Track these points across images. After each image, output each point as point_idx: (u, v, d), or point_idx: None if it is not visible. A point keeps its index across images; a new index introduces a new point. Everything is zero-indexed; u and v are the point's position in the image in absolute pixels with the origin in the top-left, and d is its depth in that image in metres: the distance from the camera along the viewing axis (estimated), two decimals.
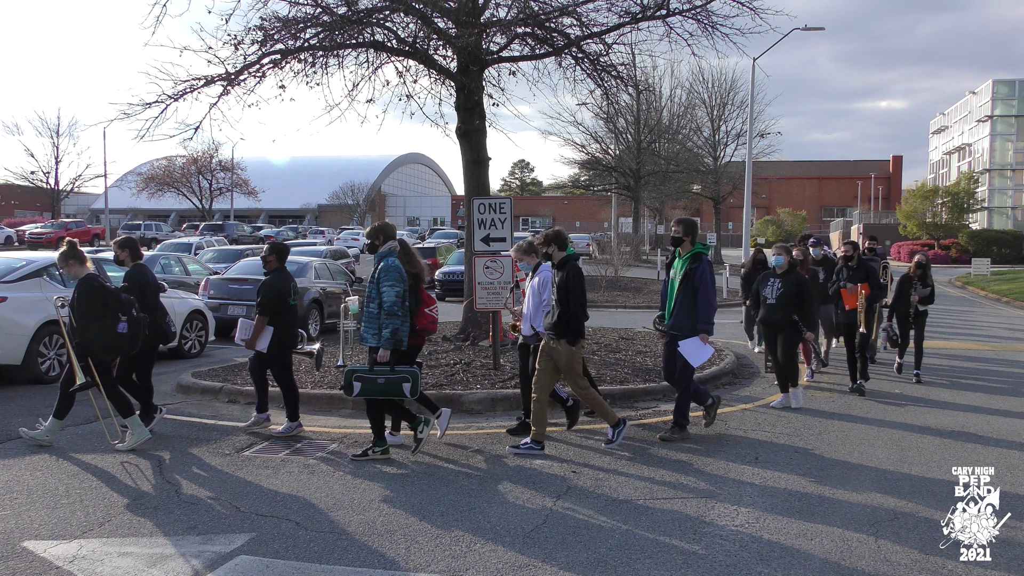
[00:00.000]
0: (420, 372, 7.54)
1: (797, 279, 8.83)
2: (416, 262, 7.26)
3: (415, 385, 6.59)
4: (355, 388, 6.60)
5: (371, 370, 6.62)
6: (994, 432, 7.88)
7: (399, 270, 6.71)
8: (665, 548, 4.81)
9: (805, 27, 25.84)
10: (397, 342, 6.63)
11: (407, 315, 6.76)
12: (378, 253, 6.86)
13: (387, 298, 6.58)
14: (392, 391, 6.60)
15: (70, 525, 5.10)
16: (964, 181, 57.54)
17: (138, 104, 10.97)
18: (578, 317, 6.83)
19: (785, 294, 8.74)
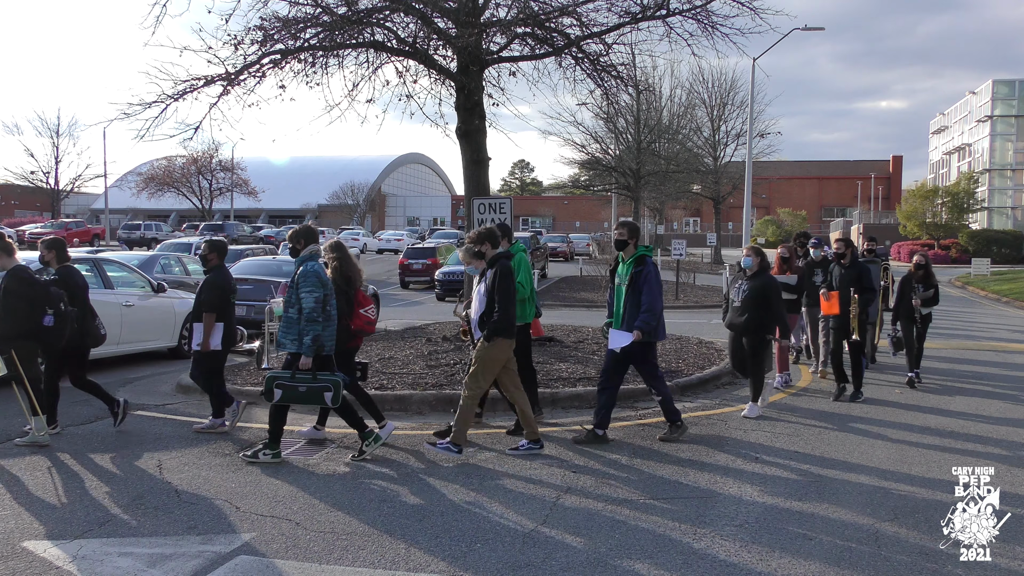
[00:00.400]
0: (367, 373, 7.51)
1: (764, 281, 8.39)
2: (351, 265, 7.26)
3: (337, 394, 6.47)
4: (276, 395, 6.51)
5: (293, 377, 6.51)
6: (994, 432, 7.88)
7: (318, 275, 6.62)
8: (665, 548, 4.82)
9: (805, 27, 25.82)
10: (319, 348, 6.57)
11: (331, 320, 6.70)
12: (299, 257, 6.78)
13: (306, 304, 6.50)
14: (313, 399, 6.51)
15: (70, 525, 5.11)
16: (964, 181, 57.50)
17: (138, 104, 10.97)
18: (502, 316, 6.68)
19: (750, 296, 8.32)
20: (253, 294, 14.85)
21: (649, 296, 7.13)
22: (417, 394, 8.70)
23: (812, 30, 26.41)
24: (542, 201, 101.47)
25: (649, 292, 7.14)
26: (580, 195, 75.09)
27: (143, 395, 9.26)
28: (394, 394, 8.72)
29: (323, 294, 6.61)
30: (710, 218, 66.15)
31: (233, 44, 10.92)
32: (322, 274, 6.71)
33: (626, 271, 7.35)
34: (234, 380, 9.70)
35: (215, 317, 7.52)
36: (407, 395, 8.70)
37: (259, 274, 15.87)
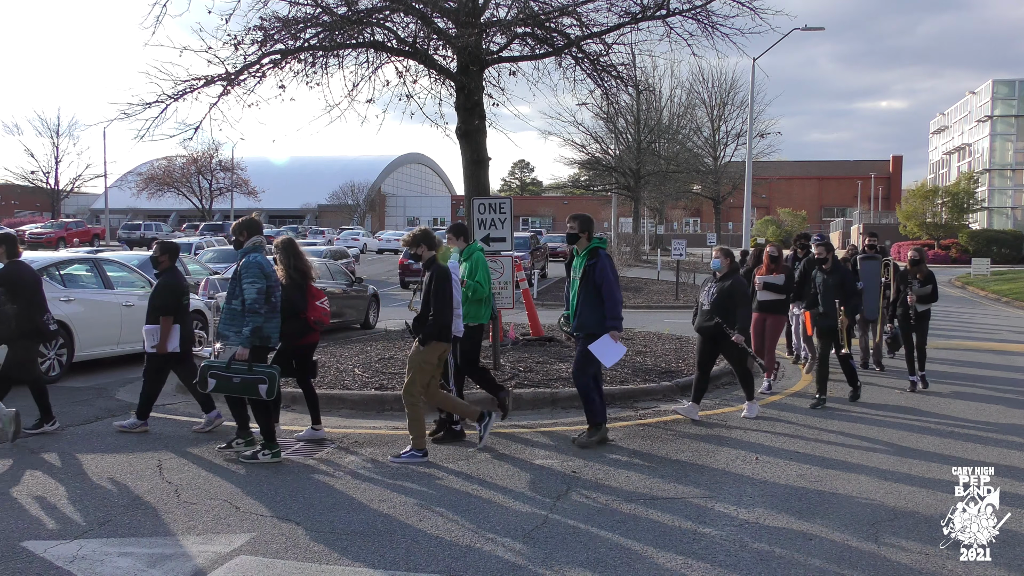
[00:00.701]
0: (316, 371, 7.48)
1: (732, 283, 8.14)
2: (302, 260, 7.26)
3: (272, 387, 6.42)
4: (209, 384, 6.51)
5: (227, 367, 6.48)
6: (994, 432, 7.88)
7: (260, 266, 6.59)
8: (665, 548, 4.82)
9: (805, 27, 25.82)
10: (263, 339, 6.55)
11: (275, 312, 6.68)
12: (242, 249, 6.77)
13: (248, 295, 6.48)
14: (247, 391, 6.47)
15: (70, 525, 5.11)
16: (964, 181, 57.48)
17: (138, 104, 10.96)
18: (436, 320, 6.63)
19: (719, 299, 8.10)
20: None
21: (608, 289, 6.99)
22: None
23: (812, 30, 26.41)
24: (542, 201, 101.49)
25: (608, 285, 6.99)
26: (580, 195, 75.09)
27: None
28: (394, 394, 8.71)
29: (266, 285, 6.57)
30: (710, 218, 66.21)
31: (233, 44, 10.92)
32: (265, 266, 6.65)
33: (580, 264, 7.20)
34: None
35: (172, 320, 7.51)
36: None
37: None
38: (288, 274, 7.10)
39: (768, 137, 47.61)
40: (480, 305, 7.85)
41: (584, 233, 7.28)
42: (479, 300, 7.82)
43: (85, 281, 11.13)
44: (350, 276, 17.74)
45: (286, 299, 6.95)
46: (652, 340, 12.73)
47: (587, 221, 7.38)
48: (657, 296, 24.74)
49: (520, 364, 10.27)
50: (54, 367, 9.93)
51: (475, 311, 7.84)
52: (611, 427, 7.85)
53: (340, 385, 9.12)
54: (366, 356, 10.92)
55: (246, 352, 6.48)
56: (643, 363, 10.70)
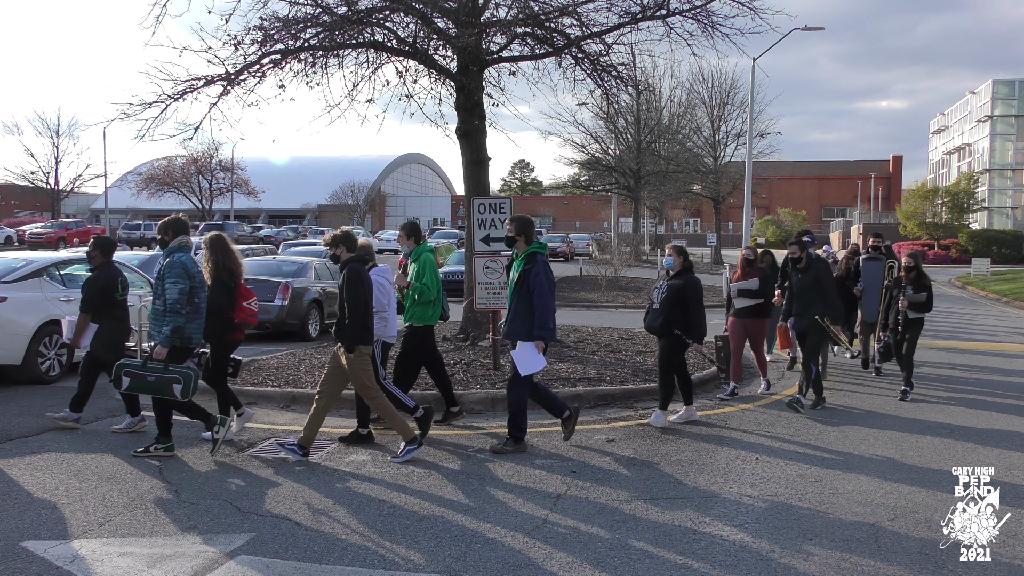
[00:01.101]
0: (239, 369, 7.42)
1: (684, 282, 7.87)
2: (232, 258, 7.19)
3: (187, 387, 6.36)
4: (123, 382, 6.48)
5: (143, 366, 6.44)
6: (994, 432, 7.88)
7: (184, 266, 6.53)
8: (665, 548, 4.81)
9: (805, 27, 25.82)
10: (184, 340, 6.50)
11: (199, 313, 6.63)
12: (167, 249, 6.71)
13: (170, 295, 6.43)
14: (161, 390, 6.41)
15: (70, 525, 5.11)
16: (964, 181, 57.51)
17: (138, 104, 10.96)
18: (353, 324, 6.51)
19: (668, 297, 7.85)
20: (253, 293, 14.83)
21: (541, 299, 6.73)
22: (417, 394, 8.68)
23: (812, 30, 26.40)
24: (542, 201, 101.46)
25: (540, 294, 6.72)
26: (580, 195, 75.14)
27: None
28: None
29: (189, 286, 6.51)
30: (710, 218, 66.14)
31: (233, 44, 10.92)
32: (189, 266, 6.58)
33: (517, 268, 6.95)
34: (233, 381, 9.69)
35: (90, 317, 7.46)
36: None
37: (259, 274, 15.81)
38: (215, 273, 7.02)
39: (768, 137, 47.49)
40: (428, 307, 7.73)
41: (522, 236, 7.03)
42: (427, 302, 7.70)
43: None
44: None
45: (211, 297, 6.90)
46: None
47: (525, 223, 7.14)
48: None
49: None
50: (54, 367, 9.93)
51: (422, 312, 7.74)
52: (611, 427, 7.86)
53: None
54: None
55: (164, 352, 6.41)
56: (643, 363, 10.70)
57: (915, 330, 9.54)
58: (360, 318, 6.54)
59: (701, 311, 7.98)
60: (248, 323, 7.35)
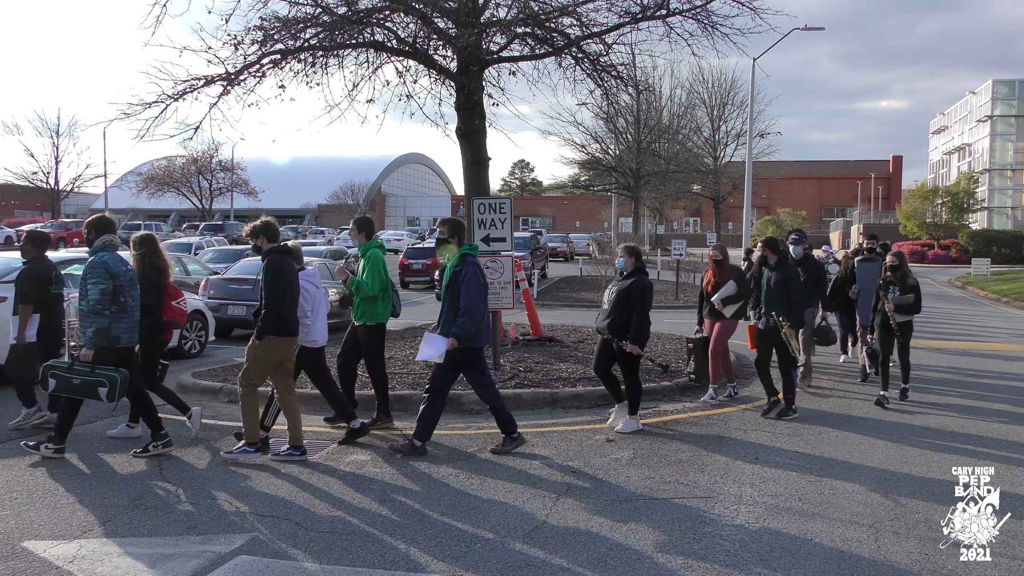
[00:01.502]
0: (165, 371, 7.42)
1: (633, 283, 7.58)
2: (160, 257, 7.17)
3: (113, 391, 6.29)
4: (50, 384, 6.43)
5: (70, 368, 6.38)
6: (994, 432, 7.88)
7: (106, 266, 6.44)
8: (665, 548, 4.81)
9: (805, 27, 25.81)
10: (111, 340, 6.43)
11: (126, 313, 6.55)
12: (92, 248, 6.64)
13: (91, 296, 6.35)
14: (86, 393, 6.35)
15: (70, 525, 5.11)
16: (964, 181, 57.50)
17: (138, 104, 10.96)
18: (269, 313, 6.48)
19: (617, 299, 7.61)
20: (252, 294, 14.84)
21: (467, 299, 6.67)
22: (417, 394, 8.69)
23: (812, 30, 26.40)
24: (542, 201, 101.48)
25: (467, 294, 6.67)
26: (580, 195, 75.08)
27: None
28: (394, 394, 8.71)
29: (112, 285, 6.43)
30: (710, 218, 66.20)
31: (233, 44, 10.92)
32: (111, 265, 6.48)
33: (449, 271, 6.94)
34: (234, 380, 9.70)
35: (32, 308, 7.45)
36: (407, 395, 8.70)
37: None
38: (142, 271, 7.00)
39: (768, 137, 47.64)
40: (375, 303, 7.66)
41: (454, 238, 7.00)
42: (372, 298, 7.63)
43: None
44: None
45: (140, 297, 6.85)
46: (652, 340, 12.72)
47: (456, 226, 7.09)
48: (657, 296, 24.66)
49: (520, 364, 10.27)
50: None
51: (370, 309, 7.66)
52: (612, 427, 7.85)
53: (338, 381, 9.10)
54: None
55: (90, 354, 6.34)
56: (643, 363, 10.68)
57: (907, 332, 9.23)
58: (275, 307, 6.51)
59: (647, 315, 7.65)
60: (177, 322, 7.29)
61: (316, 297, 7.40)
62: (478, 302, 6.75)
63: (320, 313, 7.43)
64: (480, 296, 6.79)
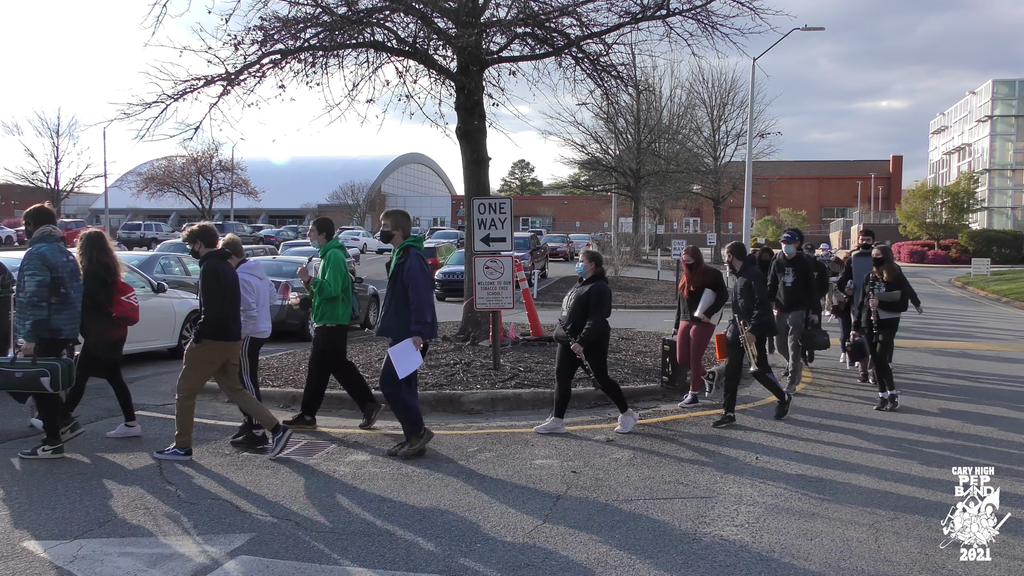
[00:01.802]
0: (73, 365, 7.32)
1: (591, 288, 7.47)
2: (108, 255, 7.12)
3: (56, 379, 6.26)
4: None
5: (12, 362, 6.35)
6: (994, 432, 7.88)
7: (42, 257, 6.39)
8: (665, 548, 4.81)
9: (805, 27, 25.82)
10: (52, 332, 6.39)
11: (67, 304, 6.50)
12: (31, 239, 6.59)
13: (28, 287, 6.31)
14: (30, 385, 6.32)
15: (70, 525, 5.10)
16: (964, 181, 57.53)
17: (138, 104, 10.97)
18: (207, 318, 6.49)
19: (576, 304, 7.48)
20: None
21: (415, 293, 6.53)
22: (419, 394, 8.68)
23: (812, 30, 26.41)
24: (542, 201, 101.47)
25: (414, 288, 6.54)
26: (580, 195, 75.11)
27: (143, 395, 9.26)
28: None
29: (50, 277, 6.38)
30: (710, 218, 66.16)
31: (233, 44, 10.92)
32: (49, 256, 6.42)
33: (393, 264, 6.79)
34: None
35: None
36: None
37: None
38: (90, 268, 6.97)
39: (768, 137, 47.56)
40: (335, 304, 7.62)
41: (398, 230, 6.87)
42: (332, 299, 7.59)
43: None
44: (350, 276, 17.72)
45: (87, 293, 6.85)
46: (652, 340, 12.72)
47: (400, 218, 6.94)
48: (657, 296, 24.73)
49: (520, 364, 10.27)
50: None
51: (330, 311, 7.63)
52: (611, 427, 7.85)
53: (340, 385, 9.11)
54: (366, 356, 10.91)
55: (30, 347, 6.31)
56: (643, 363, 10.70)
57: (888, 332, 8.83)
58: (214, 313, 6.51)
59: (604, 321, 7.47)
60: (128, 317, 7.24)
61: (260, 289, 7.43)
62: (426, 293, 6.64)
63: (264, 304, 7.47)
64: (427, 287, 6.66)
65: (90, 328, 6.99)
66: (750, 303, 7.99)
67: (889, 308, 8.83)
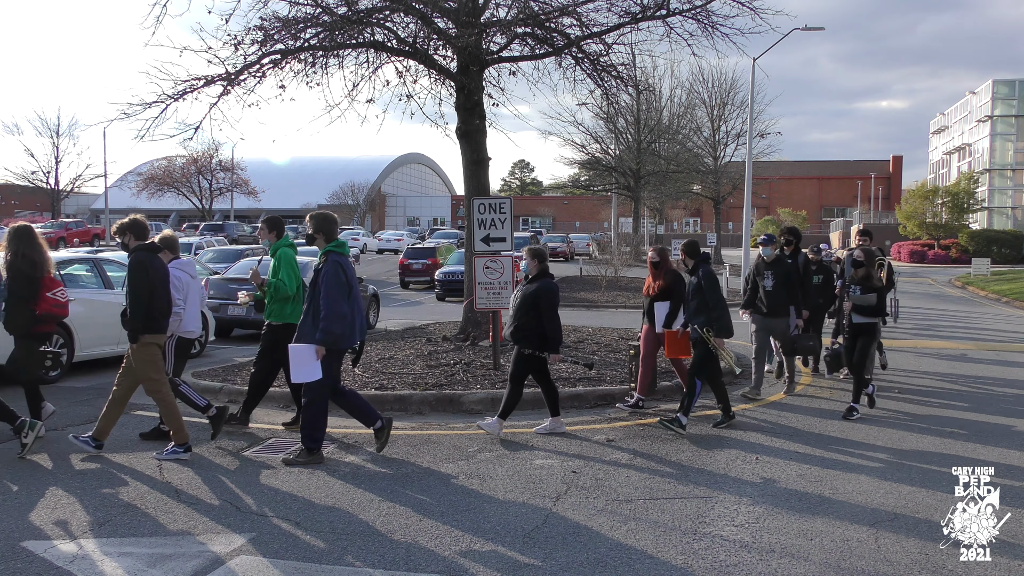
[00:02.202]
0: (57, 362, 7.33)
1: (538, 287, 7.41)
2: (36, 250, 7.03)
3: None
4: None
5: None
6: (994, 432, 7.88)
7: None
8: (665, 548, 4.81)
9: (805, 27, 25.76)
10: None
11: None
12: None
13: None
14: None
15: (70, 525, 5.10)
16: (964, 181, 57.54)
17: (138, 104, 10.99)
18: (133, 313, 6.44)
19: (520, 304, 7.41)
20: None
21: (325, 299, 6.32)
22: (417, 394, 8.70)
23: (812, 30, 26.34)
24: (542, 201, 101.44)
25: (326, 296, 6.32)
26: (580, 195, 75.12)
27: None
28: (394, 394, 8.72)
29: None
30: (710, 218, 66.15)
31: (233, 44, 10.94)
32: None
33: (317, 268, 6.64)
34: (234, 380, 9.72)
35: None
36: (407, 395, 8.70)
37: None
38: (14, 262, 6.90)
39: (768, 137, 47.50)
40: (286, 304, 7.53)
41: (320, 234, 6.71)
42: (284, 299, 7.50)
43: (85, 281, 11.14)
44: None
45: (11, 288, 6.82)
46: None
47: (322, 221, 6.76)
48: None
49: None
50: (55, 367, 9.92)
51: (279, 310, 7.54)
52: (611, 427, 7.86)
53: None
54: (366, 356, 10.91)
55: None
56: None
57: (866, 338, 8.30)
58: (140, 307, 6.47)
59: (555, 319, 7.46)
60: (54, 314, 7.13)
61: (190, 287, 7.40)
62: (338, 301, 6.38)
63: (193, 302, 7.44)
64: (340, 294, 6.40)
65: (13, 324, 6.90)
66: (701, 303, 7.77)
67: (864, 312, 8.28)
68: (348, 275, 6.56)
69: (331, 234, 6.76)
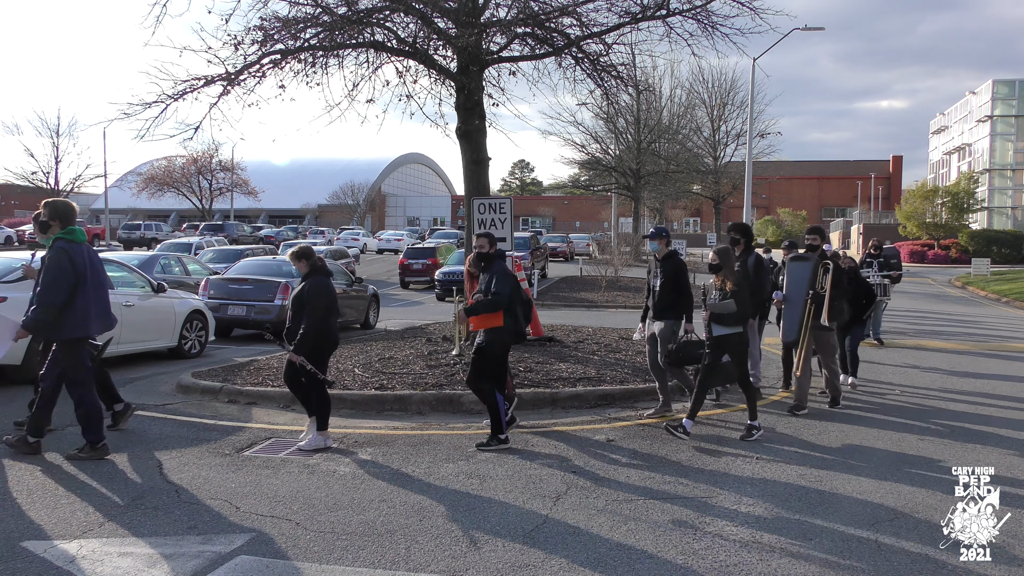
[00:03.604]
0: None
1: (304, 287, 7.01)
2: None
3: None
4: None
5: None
6: (994, 432, 7.88)
7: None
8: (665, 548, 4.81)
9: (805, 27, 25.82)
10: None
11: None
12: None
13: None
14: None
15: (70, 525, 5.10)
16: (964, 181, 57.53)
17: (138, 104, 10.99)
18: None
19: (292, 306, 7.09)
20: (253, 294, 14.86)
21: (43, 286, 6.13)
22: (417, 394, 8.70)
23: (812, 30, 26.41)
24: (542, 201, 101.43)
25: (43, 280, 6.14)
26: (580, 195, 75.15)
27: (143, 395, 9.26)
28: (394, 394, 8.72)
29: None
30: (710, 218, 66.19)
31: (233, 44, 10.94)
32: None
33: None
34: (234, 380, 9.71)
35: None
36: (407, 395, 8.70)
37: (259, 274, 15.85)
38: None
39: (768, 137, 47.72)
40: None
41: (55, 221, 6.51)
42: None
43: None
44: (350, 276, 17.76)
45: None
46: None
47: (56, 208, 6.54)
48: None
49: (520, 364, 10.27)
50: None
51: None
52: (611, 427, 7.85)
53: (340, 385, 9.12)
54: (366, 356, 10.92)
55: None
56: (643, 363, 10.68)
57: (716, 352, 7.30)
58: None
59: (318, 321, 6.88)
60: None
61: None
62: (54, 290, 6.16)
63: None
64: (58, 284, 6.16)
65: None
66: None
67: (723, 321, 7.29)
68: (76, 264, 6.29)
69: (68, 221, 6.53)
